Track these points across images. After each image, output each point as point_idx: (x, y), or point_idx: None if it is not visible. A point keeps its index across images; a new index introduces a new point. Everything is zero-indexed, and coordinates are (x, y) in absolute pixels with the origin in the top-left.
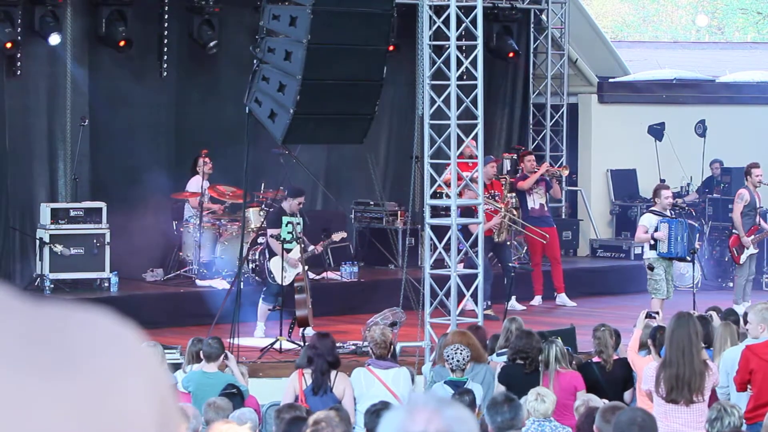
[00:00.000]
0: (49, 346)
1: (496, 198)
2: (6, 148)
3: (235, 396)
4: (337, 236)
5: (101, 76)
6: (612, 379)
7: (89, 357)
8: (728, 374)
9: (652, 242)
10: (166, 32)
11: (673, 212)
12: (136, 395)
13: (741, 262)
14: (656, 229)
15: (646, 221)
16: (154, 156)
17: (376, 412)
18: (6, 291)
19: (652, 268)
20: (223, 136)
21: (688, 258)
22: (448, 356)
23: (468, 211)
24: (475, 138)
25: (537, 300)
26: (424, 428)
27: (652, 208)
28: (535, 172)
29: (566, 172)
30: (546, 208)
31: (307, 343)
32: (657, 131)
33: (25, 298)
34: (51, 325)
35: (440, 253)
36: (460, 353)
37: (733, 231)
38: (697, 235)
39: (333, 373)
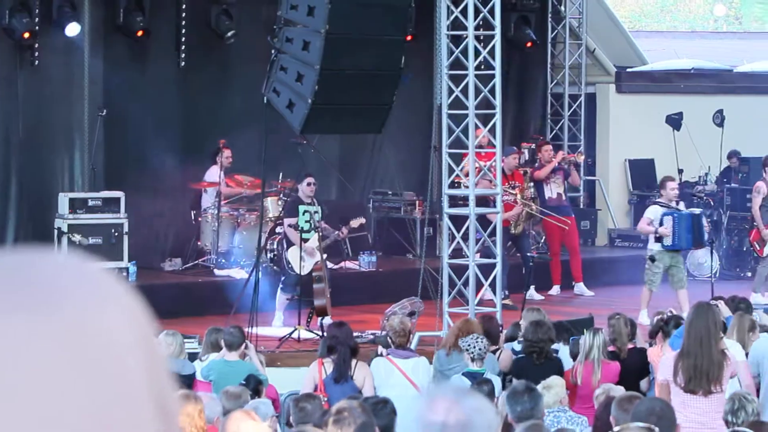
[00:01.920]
0: (21, 287)
1: (516, 188)
2: (22, 137)
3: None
4: (355, 222)
5: (118, 66)
6: (627, 368)
7: (64, 292)
8: (759, 364)
9: (657, 235)
10: (183, 22)
11: (677, 203)
12: (118, 324)
13: (765, 254)
14: (660, 223)
15: (651, 213)
16: (171, 146)
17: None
18: None
19: (653, 260)
20: (240, 126)
21: (693, 248)
22: (468, 346)
23: (484, 201)
24: (493, 128)
25: (555, 290)
26: (443, 418)
27: (658, 200)
28: (552, 161)
29: (582, 158)
30: (564, 198)
31: (325, 334)
32: (675, 121)
33: None
34: (19, 267)
35: (458, 242)
36: (481, 342)
37: (754, 224)
38: (707, 221)
39: (353, 361)
